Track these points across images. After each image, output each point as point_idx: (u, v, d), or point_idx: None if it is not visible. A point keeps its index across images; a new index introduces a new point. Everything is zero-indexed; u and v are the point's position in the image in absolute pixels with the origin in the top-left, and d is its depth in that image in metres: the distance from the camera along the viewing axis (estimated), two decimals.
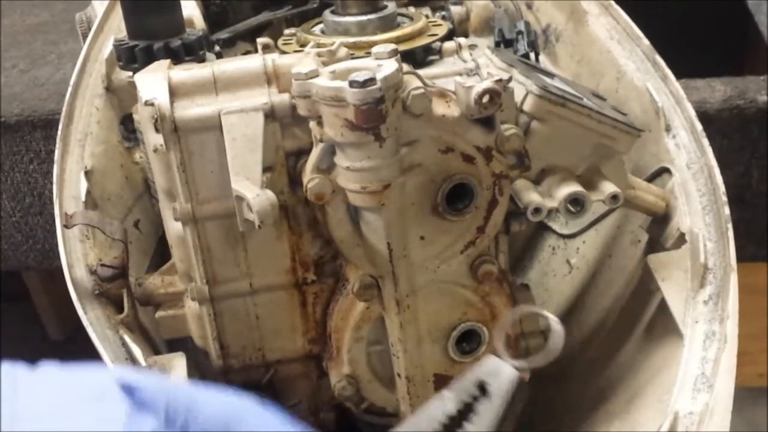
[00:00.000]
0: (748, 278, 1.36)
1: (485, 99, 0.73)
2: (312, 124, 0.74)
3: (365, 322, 0.80)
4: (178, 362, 0.79)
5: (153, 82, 0.75)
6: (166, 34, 0.87)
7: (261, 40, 0.97)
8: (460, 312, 0.81)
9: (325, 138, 0.72)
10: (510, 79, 0.76)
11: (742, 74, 1.30)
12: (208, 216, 0.77)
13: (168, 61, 0.82)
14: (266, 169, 0.76)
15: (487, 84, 0.73)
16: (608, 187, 0.81)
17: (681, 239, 0.86)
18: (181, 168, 0.75)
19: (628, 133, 0.82)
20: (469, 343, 0.82)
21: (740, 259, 1.33)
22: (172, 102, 0.74)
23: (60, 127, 0.93)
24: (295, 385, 0.86)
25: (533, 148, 0.80)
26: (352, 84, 0.68)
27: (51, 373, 0.48)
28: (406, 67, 0.77)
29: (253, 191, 0.71)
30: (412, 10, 1.10)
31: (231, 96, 0.76)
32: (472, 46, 1.13)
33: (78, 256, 0.84)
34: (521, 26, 1.09)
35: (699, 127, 0.91)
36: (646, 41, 1.00)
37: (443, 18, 1.16)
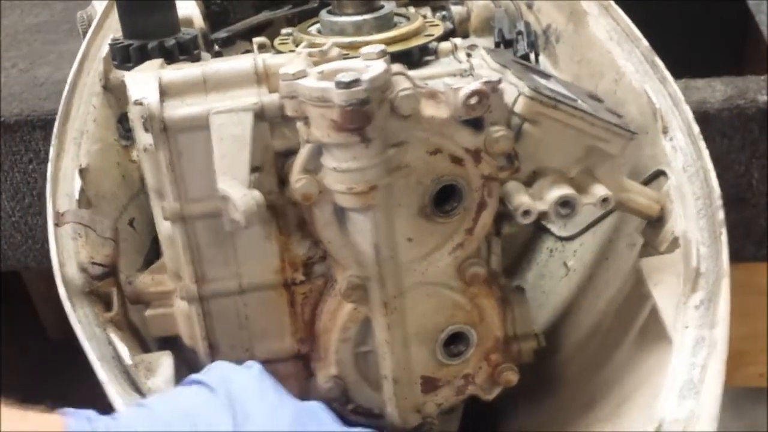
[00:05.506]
0: (748, 278, 1.36)
1: (473, 100, 0.73)
2: (299, 124, 0.74)
3: (352, 323, 0.80)
4: (165, 361, 0.80)
5: (143, 82, 0.75)
6: (160, 34, 0.87)
7: (257, 40, 0.97)
8: (447, 314, 0.80)
9: (311, 139, 0.72)
10: (500, 81, 0.75)
11: (742, 74, 1.30)
12: (197, 215, 0.78)
13: (160, 60, 0.82)
14: (255, 169, 0.76)
15: (475, 85, 0.72)
16: (599, 190, 0.81)
17: (675, 243, 0.85)
18: (170, 167, 0.75)
19: (620, 136, 0.82)
20: (457, 345, 0.82)
21: (740, 259, 1.34)
22: (161, 102, 0.74)
23: (56, 125, 0.94)
24: (284, 385, 0.85)
25: (525, 149, 0.80)
26: (338, 85, 0.68)
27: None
28: (396, 67, 0.77)
29: (239, 191, 0.71)
30: (411, 10, 1.10)
31: (221, 96, 0.76)
32: (471, 47, 1.13)
33: (70, 254, 0.85)
34: (521, 27, 1.09)
35: (696, 129, 0.90)
36: (645, 42, 0.99)
37: (443, 18, 1.16)
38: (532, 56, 1.10)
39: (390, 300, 0.78)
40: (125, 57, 0.87)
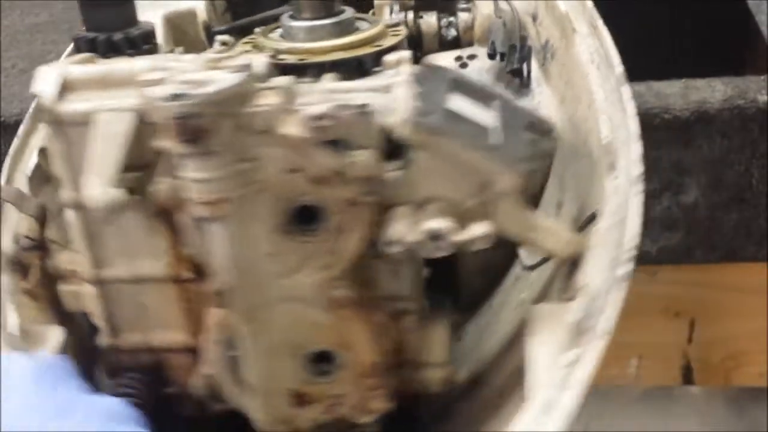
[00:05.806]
0: (748, 278, 1.34)
1: (320, 122, 0.71)
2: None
3: (223, 327, 0.82)
4: (53, 334, 0.85)
5: (47, 75, 0.80)
6: (112, 27, 0.92)
7: (220, 38, 1.00)
8: (310, 333, 0.80)
9: (163, 146, 0.74)
10: (364, 105, 0.73)
11: (742, 74, 1.28)
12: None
13: (89, 54, 0.87)
14: (139, 167, 0.79)
15: (322, 108, 0.71)
16: (480, 228, 0.76)
17: (577, 292, 0.78)
18: (64, 158, 0.80)
19: (510, 174, 0.76)
20: (325, 364, 0.81)
21: (740, 259, 1.32)
22: (59, 95, 0.79)
23: (32, 107, 1.02)
24: (179, 376, 0.89)
25: (412, 176, 0.77)
26: (169, 97, 0.69)
27: None
28: (285, 80, 0.77)
29: (96, 188, 0.74)
30: (410, 15, 1.08)
31: (117, 94, 0.80)
32: (471, 56, 1.09)
33: (11, 226, 0.92)
34: (515, 40, 1.04)
35: (636, 171, 0.81)
36: (619, 69, 0.90)
37: (449, 24, 1.12)
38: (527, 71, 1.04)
39: (251, 310, 0.79)
40: (78, 49, 0.93)
